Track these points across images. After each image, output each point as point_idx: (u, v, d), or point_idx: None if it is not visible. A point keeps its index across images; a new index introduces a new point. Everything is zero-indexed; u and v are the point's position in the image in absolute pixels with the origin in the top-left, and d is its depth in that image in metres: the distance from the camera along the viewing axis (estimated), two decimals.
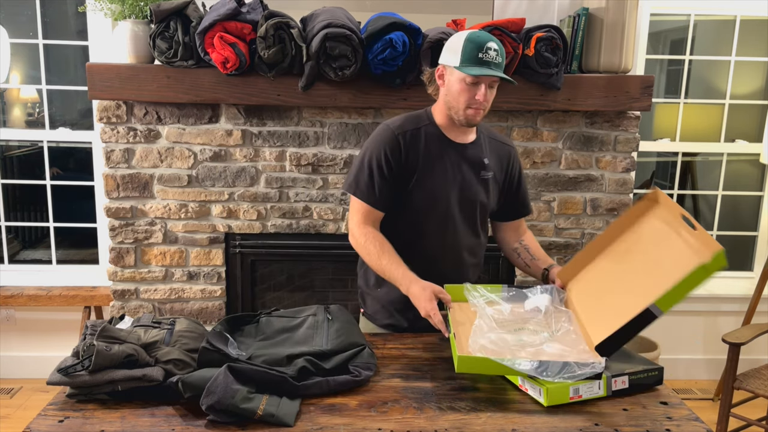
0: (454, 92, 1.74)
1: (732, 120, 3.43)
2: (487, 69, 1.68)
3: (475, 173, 1.85)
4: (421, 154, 1.80)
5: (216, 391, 1.29)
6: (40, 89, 3.26)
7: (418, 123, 1.83)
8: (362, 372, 1.48)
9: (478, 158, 1.85)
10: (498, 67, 1.70)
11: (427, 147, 1.80)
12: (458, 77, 1.72)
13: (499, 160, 1.91)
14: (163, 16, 2.49)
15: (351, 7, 2.70)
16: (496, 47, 1.69)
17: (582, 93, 2.66)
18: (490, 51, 1.68)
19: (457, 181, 1.82)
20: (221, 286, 2.86)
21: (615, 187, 2.84)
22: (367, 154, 1.80)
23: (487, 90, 1.72)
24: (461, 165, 1.83)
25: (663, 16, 3.36)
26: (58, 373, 1.35)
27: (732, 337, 2.63)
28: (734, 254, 3.69)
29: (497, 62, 1.70)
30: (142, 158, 2.73)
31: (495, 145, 1.91)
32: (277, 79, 2.56)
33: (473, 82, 1.70)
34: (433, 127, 1.83)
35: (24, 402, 3.15)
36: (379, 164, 1.78)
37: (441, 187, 1.81)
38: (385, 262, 1.74)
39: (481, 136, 1.89)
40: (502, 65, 1.72)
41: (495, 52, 1.69)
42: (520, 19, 2.60)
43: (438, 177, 1.81)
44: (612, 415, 1.34)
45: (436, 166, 1.80)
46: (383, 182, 1.78)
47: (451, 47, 1.73)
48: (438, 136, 1.82)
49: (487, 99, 1.74)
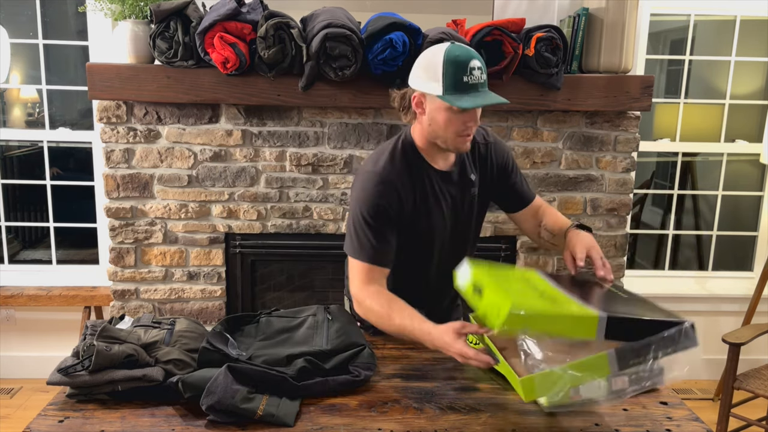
0: (439, 122, 1.56)
1: (732, 120, 3.43)
2: (476, 95, 1.51)
3: (464, 194, 1.74)
4: (416, 193, 1.65)
5: (216, 391, 1.29)
6: (40, 89, 3.26)
7: (402, 158, 1.65)
8: (362, 372, 1.48)
9: (465, 177, 1.73)
10: (484, 86, 1.54)
11: (420, 184, 1.66)
12: (442, 106, 1.53)
13: (484, 165, 1.78)
14: (163, 16, 2.49)
15: (351, 7, 2.70)
16: (479, 64, 1.52)
17: (582, 93, 2.66)
18: (474, 71, 1.50)
19: (449, 208, 1.72)
20: (221, 286, 2.86)
21: (615, 187, 2.84)
22: (361, 209, 1.62)
23: (477, 116, 1.58)
24: (450, 191, 1.71)
25: (663, 16, 3.36)
26: (58, 373, 1.35)
27: (732, 337, 2.63)
28: (734, 254, 3.69)
29: (482, 81, 1.53)
30: (142, 158, 2.73)
31: (475, 150, 1.76)
32: (277, 79, 2.56)
33: (462, 110, 1.52)
34: (416, 158, 1.66)
35: (24, 402, 3.15)
36: (375, 217, 1.61)
37: (438, 217, 1.70)
38: (398, 321, 1.54)
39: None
40: (486, 82, 1.56)
41: (479, 71, 1.52)
42: (520, 19, 2.60)
43: (434, 212, 1.69)
44: (612, 415, 1.34)
45: (429, 202, 1.67)
46: (383, 236, 1.62)
47: (429, 69, 1.53)
48: (424, 168, 1.67)
49: (478, 121, 1.59)
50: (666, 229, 3.64)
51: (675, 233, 3.59)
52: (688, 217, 3.83)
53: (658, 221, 3.99)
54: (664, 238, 3.63)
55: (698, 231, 3.76)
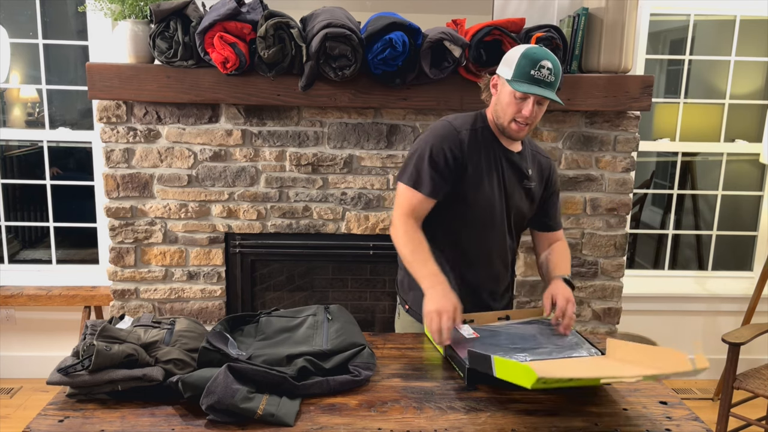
0: (503, 103, 1.77)
1: (732, 120, 3.43)
2: (536, 87, 1.70)
3: (519, 181, 1.88)
4: (480, 154, 1.82)
5: (216, 390, 1.29)
6: (40, 89, 3.26)
7: (475, 124, 1.86)
8: (362, 372, 1.48)
9: (524, 167, 1.89)
10: (549, 86, 1.72)
11: (485, 148, 1.84)
12: (508, 90, 1.74)
13: (540, 172, 1.94)
14: (163, 16, 2.49)
15: (351, 7, 2.70)
16: (550, 66, 1.71)
17: (582, 93, 2.66)
18: (543, 69, 1.70)
19: (503, 185, 1.86)
20: (221, 286, 2.86)
21: (615, 187, 2.84)
22: (428, 146, 1.79)
23: (535, 106, 1.74)
24: (508, 171, 1.86)
25: (663, 16, 3.37)
26: (58, 372, 1.35)
27: (732, 337, 2.63)
28: (734, 254, 3.69)
29: (549, 81, 1.72)
30: (142, 158, 2.73)
31: (537, 157, 1.95)
32: (277, 79, 2.56)
33: (522, 97, 1.73)
34: (488, 131, 1.86)
35: (24, 402, 3.15)
36: (438, 157, 1.77)
37: (490, 188, 1.83)
38: (418, 257, 1.74)
39: (526, 147, 1.93)
40: (555, 84, 1.74)
41: (548, 71, 1.71)
42: (520, 19, 2.60)
43: (490, 179, 1.83)
44: (612, 415, 1.34)
45: (490, 168, 1.83)
46: (441, 175, 1.78)
47: (508, 59, 1.76)
48: (493, 140, 1.85)
49: (534, 115, 1.76)
50: (666, 228, 3.64)
51: (675, 233, 3.59)
52: (688, 217, 3.83)
53: (658, 221, 3.99)
54: (664, 237, 3.63)
55: (698, 231, 3.76)
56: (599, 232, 2.87)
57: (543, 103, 1.76)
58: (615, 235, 2.88)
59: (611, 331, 2.94)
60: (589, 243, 2.88)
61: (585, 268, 2.90)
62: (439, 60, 2.52)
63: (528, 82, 1.70)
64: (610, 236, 2.88)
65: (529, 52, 1.72)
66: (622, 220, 2.88)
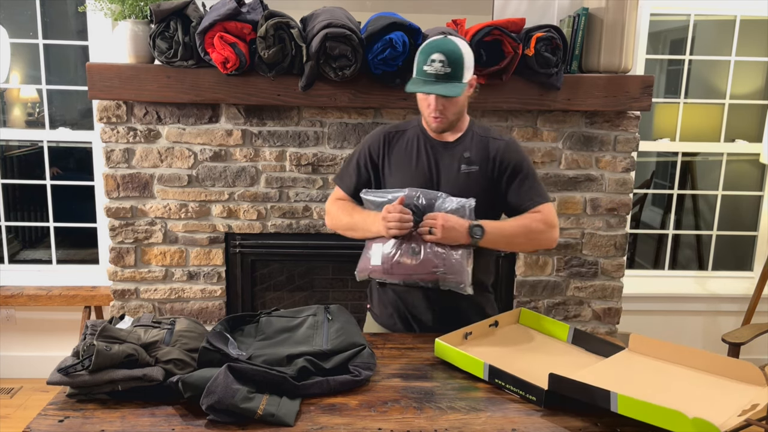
0: (418, 101, 1.85)
1: (732, 120, 3.43)
2: (422, 86, 1.74)
3: (456, 168, 1.86)
4: (402, 150, 1.90)
5: (216, 390, 1.29)
6: (40, 89, 3.26)
7: (407, 126, 1.95)
8: (362, 372, 1.48)
9: (458, 154, 1.87)
10: (445, 78, 1.72)
11: (408, 145, 1.90)
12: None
13: (486, 154, 1.87)
14: (163, 16, 2.49)
15: (351, 7, 2.70)
16: (442, 58, 1.71)
17: (582, 93, 2.66)
18: (434, 63, 1.71)
19: (433, 175, 1.86)
20: (221, 286, 2.87)
21: (615, 187, 2.84)
22: (356, 149, 1.98)
23: (438, 100, 1.76)
24: (440, 161, 1.87)
25: (663, 16, 3.36)
26: (58, 372, 1.35)
27: (732, 337, 2.63)
28: (734, 254, 3.69)
29: (443, 73, 1.71)
30: (142, 158, 2.73)
31: (484, 141, 1.89)
32: (277, 79, 2.56)
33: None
34: (419, 129, 1.92)
35: (24, 402, 3.15)
36: (360, 158, 1.93)
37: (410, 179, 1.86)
38: (357, 216, 1.86)
39: (469, 134, 1.90)
40: (455, 74, 1.72)
41: (441, 63, 1.71)
42: (520, 19, 2.60)
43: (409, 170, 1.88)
44: (612, 415, 1.34)
45: (413, 161, 1.88)
46: (358, 174, 1.93)
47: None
48: (421, 136, 1.90)
49: (443, 109, 1.78)
50: (666, 228, 3.64)
51: (675, 233, 3.59)
52: (688, 217, 3.83)
53: (658, 221, 3.99)
54: (664, 237, 3.63)
55: (698, 231, 3.76)
56: (599, 232, 2.87)
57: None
58: (615, 235, 2.88)
59: (611, 331, 2.94)
60: (589, 243, 2.88)
61: (585, 268, 2.90)
62: None
63: (421, 77, 1.74)
64: (610, 236, 2.88)
65: (425, 47, 1.75)
66: (622, 220, 2.88)
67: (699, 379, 1.49)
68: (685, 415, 1.19)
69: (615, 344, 1.67)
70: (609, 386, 1.31)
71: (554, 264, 2.90)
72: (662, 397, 1.37)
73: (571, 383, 1.36)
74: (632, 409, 1.27)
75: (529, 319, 1.85)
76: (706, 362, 1.51)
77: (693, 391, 1.44)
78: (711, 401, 1.38)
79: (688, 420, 1.18)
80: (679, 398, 1.38)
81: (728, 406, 1.34)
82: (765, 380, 1.41)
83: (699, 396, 1.41)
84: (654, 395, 1.34)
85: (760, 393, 1.39)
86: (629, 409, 1.27)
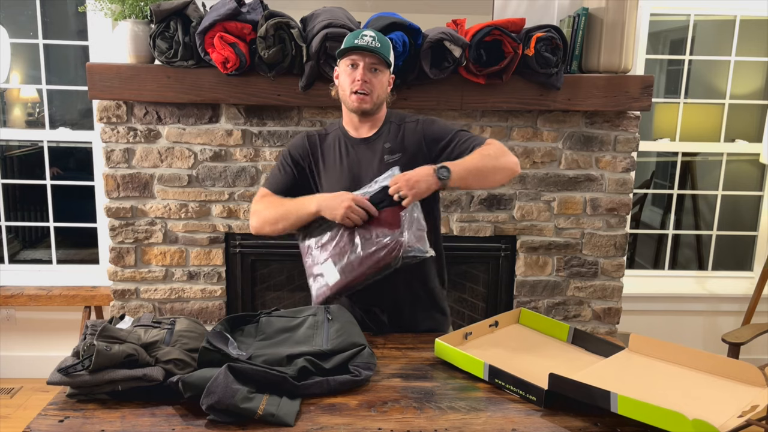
0: (341, 82, 1.87)
1: (732, 120, 3.43)
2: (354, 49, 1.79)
3: (379, 160, 1.88)
4: (329, 153, 1.94)
5: (216, 390, 1.29)
6: (40, 89, 3.26)
7: (329, 129, 1.99)
8: (362, 372, 1.48)
9: (379, 146, 1.90)
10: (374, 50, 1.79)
11: (331, 147, 1.94)
12: (342, 66, 1.86)
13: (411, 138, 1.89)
14: (163, 16, 2.49)
15: (351, 7, 2.70)
16: (372, 34, 1.81)
17: (582, 93, 2.66)
18: (365, 37, 1.80)
19: (354, 173, 1.88)
20: (221, 286, 2.87)
21: (615, 187, 2.84)
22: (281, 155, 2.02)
23: (366, 72, 1.81)
24: (362, 158, 1.90)
25: (663, 16, 3.37)
26: (58, 372, 1.35)
27: (732, 336, 2.63)
28: (734, 254, 3.69)
29: (372, 46, 1.79)
30: (142, 158, 2.73)
31: (401, 127, 1.92)
32: (277, 79, 2.56)
33: (352, 63, 1.82)
34: (340, 130, 1.96)
35: (24, 402, 3.15)
36: (283, 161, 1.97)
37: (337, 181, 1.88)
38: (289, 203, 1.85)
39: (386, 126, 1.92)
40: (382, 50, 1.80)
41: (371, 38, 1.80)
42: (520, 19, 2.60)
43: (336, 172, 1.91)
44: (612, 415, 1.34)
45: (338, 162, 1.92)
46: (283, 175, 1.95)
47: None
48: (341, 137, 1.94)
49: (370, 81, 1.81)
50: (666, 228, 3.64)
51: (675, 233, 3.59)
52: (688, 217, 3.84)
53: (658, 221, 3.99)
54: (664, 237, 3.63)
55: (698, 231, 3.76)
56: (599, 232, 2.87)
57: (376, 69, 1.82)
58: (615, 235, 2.88)
59: (611, 331, 2.94)
60: (589, 243, 2.88)
61: (585, 268, 2.90)
62: (439, 60, 2.52)
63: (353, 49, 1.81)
64: (610, 236, 2.88)
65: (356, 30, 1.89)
66: (622, 220, 2.88)
67: (699, 380, 1.49)
68: (684, 416, 1.19)
69: (615, 344, 1.67)
70: (609, 386, 1.31)
71: (554, 264, 2.90)
72: (662, 397, 1.37)
73: (571, 383, 1.36)
74: (632, 410, 1.27)
75: (529, 319, 1.85)
76: (706, 363, 1.52)
77: (693, 391, 1.44)
78: (711, 402, 1.38)
79: (687, 421, 1.18)
80: (679, 399, 1.38)
81: (728, 406, 1.34)
82: (765, 381, 1.41)
83: (699, 396, 1.41)
84: (654, 395, 1.34)
85: (760, 394, 1.39)
86: (629, 409, 1.27)
